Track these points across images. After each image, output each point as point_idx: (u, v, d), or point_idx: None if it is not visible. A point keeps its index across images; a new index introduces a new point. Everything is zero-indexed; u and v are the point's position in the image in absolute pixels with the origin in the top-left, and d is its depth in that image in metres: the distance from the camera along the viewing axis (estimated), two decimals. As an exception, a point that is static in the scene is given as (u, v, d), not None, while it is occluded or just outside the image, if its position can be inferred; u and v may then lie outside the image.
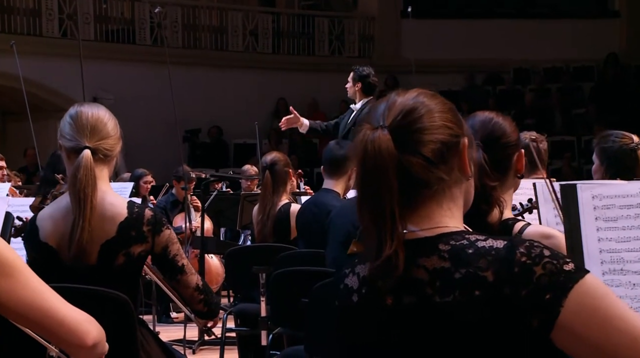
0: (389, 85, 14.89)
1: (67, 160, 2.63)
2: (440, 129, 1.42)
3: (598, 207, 1.99)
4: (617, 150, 3.37)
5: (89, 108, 2.67)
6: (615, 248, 1.98)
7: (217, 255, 7.36)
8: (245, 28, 14.62)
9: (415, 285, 1.37)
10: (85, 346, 1.59)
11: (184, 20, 14.16)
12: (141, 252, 2.58)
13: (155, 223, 2.59)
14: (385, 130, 1.40)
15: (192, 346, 6.29)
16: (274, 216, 4.82)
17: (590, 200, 1.99)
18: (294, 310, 3.47)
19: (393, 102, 1.46)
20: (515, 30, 14.63)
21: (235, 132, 13.82)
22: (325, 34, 15.17)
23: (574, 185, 2.00)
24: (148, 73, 12.77)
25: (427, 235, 1.40)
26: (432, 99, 1.47)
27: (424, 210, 1.42)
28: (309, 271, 3.66)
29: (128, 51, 13.44)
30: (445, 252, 1.37)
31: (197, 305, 2.72)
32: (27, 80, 7.62)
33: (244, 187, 8.38)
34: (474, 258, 1.35)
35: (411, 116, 1.43)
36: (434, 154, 1.40)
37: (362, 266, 1.46)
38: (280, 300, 3.81)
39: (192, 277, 2.67)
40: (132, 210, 2.59)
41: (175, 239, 2.65)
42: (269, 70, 14.22)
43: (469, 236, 1.39)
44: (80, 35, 9.14)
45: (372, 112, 1.46)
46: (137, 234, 2.57)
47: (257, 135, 7.90)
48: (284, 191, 4.89)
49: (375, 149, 1.38)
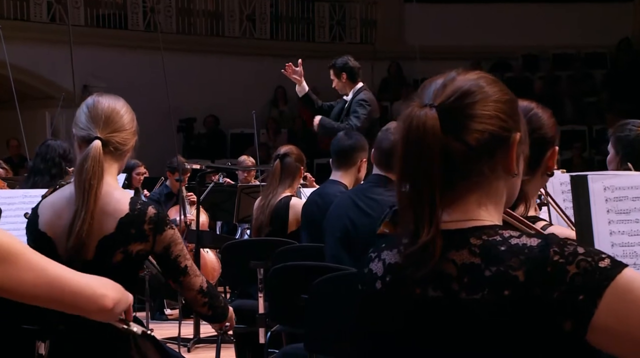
0: (391, 72, 14.88)
1: (78, 149, 2.65)
2: (492, 120, 1.40)
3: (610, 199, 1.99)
4: (633, 139, 3.37)
5: (107, 99, 2.69)
6: (628, 241, 1.97)
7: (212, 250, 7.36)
8: (242, 13, 14.60)
9: (442, 279, 1.37)
10: (106, 309, 1.62)
11: (178, 4, 14.13)
12: (140, 251, 2.59)
13: (157, 222, 2.59)
14: (433, 110, 1.39)
15: (187, 344, 6.30)
16: (272, 206, 4.85)
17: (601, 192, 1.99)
18: (293, 306, 3.48)
19: (450, 80, 1.44)
20: (523, 15, 14.60)
21: (232, 122, 13.81)
22: (326, 19, 15.14)
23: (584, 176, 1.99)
24: (141, 60, 12.75)
25: (459, 227, 1.39)
26: (492, 86, 1.44)
27: (461, 201, 1.41)
28: (309, 266, 3.66)
29: (120, 37, 13.42)
30: (477, 246, 1.36)
31: (201, 308, 2.73)
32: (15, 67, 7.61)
33: (241, 178, 8.39)
34: (506, 256, 1.33)
35: (464, 99, 1.40)
36: (479, 144, 1.39)
37: (389, 252, 1.45)
38: (279, 296, 3.81)
39: (195, 279, 2.68)
40: (134, 207, 2.59)
41: (179, 240, 2.64)
42: (267, 57, 14.18)
43: (502, 232, 1.37)
44: (69, 20, 9.15)
45: (425, 88, 1.45)
46: (137, 232, 2.57)
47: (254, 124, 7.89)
48: (289, 185, 4.92)
49: (420, 128, 1.37)
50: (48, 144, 4.81)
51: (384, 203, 3.60)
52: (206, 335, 6.46)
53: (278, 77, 14.11)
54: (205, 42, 14.12)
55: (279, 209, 4.85)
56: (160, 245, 2.60)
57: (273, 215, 4.85)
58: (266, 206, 4.88)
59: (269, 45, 14.58)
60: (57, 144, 4.79)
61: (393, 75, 14.90)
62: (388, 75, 14.95)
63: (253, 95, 13.65)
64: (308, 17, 15.10)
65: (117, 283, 1.67)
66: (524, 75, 14.45)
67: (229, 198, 7.07)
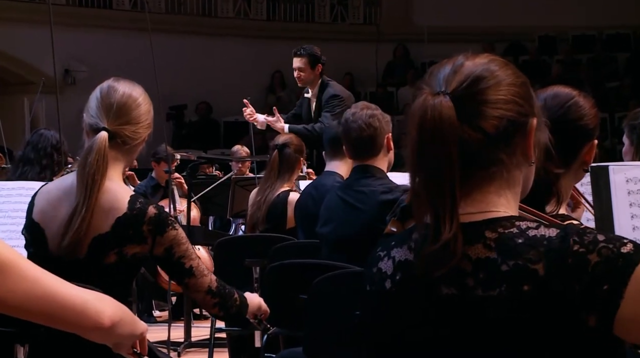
0: (397, 55, 14.87)
1: (86, 137, 2.63)
2: (508, 105, 1.42)
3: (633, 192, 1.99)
4: None
5: (123, 85, 2.66)
6: (652, 237, 1.98)
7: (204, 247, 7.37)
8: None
9: (457, 275, 1.38)
10: (102, 327, 1.57)
11: (167, -18, 14.12)
12: (137, 253, 2.56)
13: (158, 223, 2.56)
14: (447, 97, 1.40)
15: (177, 348, 6.31)
16: (269, 201, 4.84)
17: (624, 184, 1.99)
18: (291, 307, 3.48)
19: (460, 65, 1.45)
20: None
21: (226, 109, 13.80)
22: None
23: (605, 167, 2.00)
24: (127, 42, 12.74)
25: (474, 220, 1.40)
26: (503, 69, 1.46)
27: (477, 192, 1.42)
28: (308, 264, 3.67)
29: (104, 17, 13.41)
30: (492, 240, 1.37)
31: (212, 310, 2.72)
32: (-9, 50, 7.60)
33: (235, 170, 8.39)
34: (523, 249, 1.34)
35: (477, 85, 1.42)
36: (497, 130, 1.40)
37: (399, 249, 1.47)
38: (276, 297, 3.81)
39: (203, 279, 2.65)
40: (133, 206, 2.56)
41: (183, 240, 2.61)
42: (264, 39, 14.18)
43: (519, 223, 1.38)
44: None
45: (433, 74, 1.46)
46: (135, 233, 2.55)
47: (250, 112, 7.86)
48: (288, 178, 4.92)
49: (436, 117, 1.38)
50: (41, 133, 4.90)
51: (373, 194, 3.61)
52: (198, 339, 6.47)
53: (275, 61, 14.20)
54: (196, 23, 14.11)
55: (276, 205, 4.84)
56: (161, 247, 2.57)
57: (270, 211, 4.84)
58: (262, 202, 4.86)
59: (265, 26, 14.56)
60: (51, 134, 4.87)
61: (399, 58, 14.89)
62: (393, 59, 14.93)
63: (248, 80, 13.63)
64: (308, -5, 15.09)
65: (121, 304, 1.64)
66: (540, 59, 14.44)
67: (222, 191, 7.07)
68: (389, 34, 14.80)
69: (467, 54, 1.48)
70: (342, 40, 14.13)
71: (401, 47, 14.74)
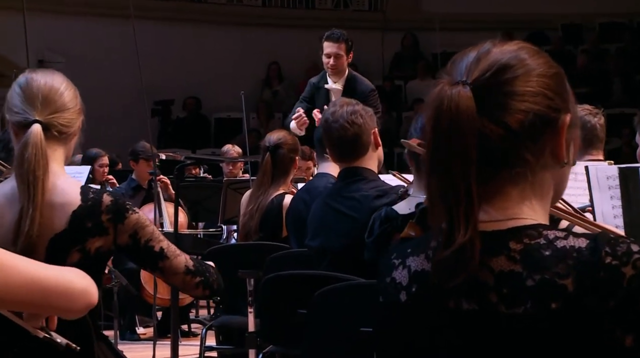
0: (406, 46, 14.87)
1: (15, 138, 2.64)
2: (537, 98, 1.41)
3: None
4: None
5: (42, 75, 2.68)
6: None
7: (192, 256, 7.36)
8: (229, -26, 14.60)
9: (478, 289, 1.37)
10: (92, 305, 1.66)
11: (152, -36, 14.13)
12: (100, 247, 2.59)
13: (116, 211, 2.60)
14: (467, 87, 1.40)
15: (163, 368, 6.31)
16: (263, 208, 4.82)
17: (656, 187, 1.99)
18: (289, 323, 3.48)
19: (485, 53, 1.45)
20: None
21: (217, 104, 13.81)
22: (328, -18, 15.15)
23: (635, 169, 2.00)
24: (107, 30, 12.74)
25: (497, 228, 1.40)
26: (535, 58, 1.45)
27: (500, 195, 1.41)
28: (308, 275, 3.67)
29: (82, 2, 13.41)
30: (517, 252, 1.36)
31: (195, 291, 2.75)
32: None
33: (226, 172, 8.39)
34: (551, 262, 1.34)
35: (503, 74, 1.41)
36: (522, 126, 1.39)
37: (415, 258, 1.46)
38: (272, 312, 3.82)
39: (178, 259, 2.69)
40: (87, 197, 2.60)
41: (145, 222, 2.65)
42: (259, 27, 14.18)
43: (547, 233, 1.37)
44: (23, -17, 9.11)
45: (456, 62, 1.46)
46: (95, 225, 2.58)
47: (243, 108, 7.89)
48: (283, 182, 4.90)
49: (452, 108, 1.38)
50: None
51: (366, 199, 3.59)
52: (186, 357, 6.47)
53: (272, 51, 14.22)
54: (184, 9, 14.11)
55: (270, 211, 4.82)
56: (124, 235, 2.61)
57: (263, 219, 4.83)
58: (255, 210, 4.84)
59: (260, 12, 14.57)
60: None
61: (408, 48, 14.89)
62: (402, 49, 14.94)
63: (242, 72, 13.64)
64: (307, -21, 15.10)
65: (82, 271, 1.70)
66: (564, 49, 14.44)
67: (212, 195, 7.07)
68: (396, 22, 14.81)
69: (495, 41, 1.47)
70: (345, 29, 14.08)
71: (410, 36, 14.74)
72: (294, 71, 13.90)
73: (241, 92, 7.84)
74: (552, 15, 14.60)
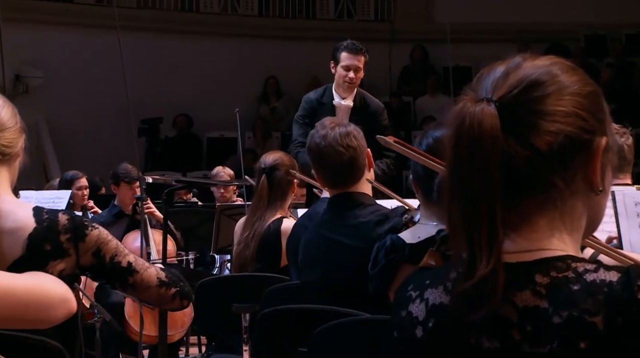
0: (415, 58, 14.91)
1: None
2: (569, 118, 1.41)
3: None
4: None
5: None
6: None
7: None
8: (222, -19, 14.66)
9: (500, 325, 1.38)
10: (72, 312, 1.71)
11: (139, -30, 14.20)
12: (63, 270, 2.60)
13: (75, 229, 2.62)
14: (492, 105, 1.40)
15: (150, 412, 6.28)
16: (259, 235, 4.81)
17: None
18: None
19: (514, 67, 1.46)
20: (586, -16, 14.64)
21: (209, 123, 13.83)
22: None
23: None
24: (90, 42, 12.78)
25: (522, 260, 1.40)
26: (569, 74, 1.45)
27: (527, 224, 1.42)
28: (308, 310, 3.65)
29: (63, 12, 13.46)
30: (543, 286, 1.37)
31: (172, 304, 2.77)
32: None
33: (217, 196, 8.39)
34: (580, 297, 1.34)
35: (533, 91, 1.42)
36: (551, 149, 1.39)
37: (434, 290, 1.47)
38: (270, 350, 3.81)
39: (148, 272, 2.71)
40: (41, 218, 2.61)
41: (108, 237, 2.68)
42: (255, 39, 14.22)
43: (576, 265, 1.38)
44: (-1, -9, 9.16)
45: (482, 78, 1.46)
46: (54, 247, 2.59)
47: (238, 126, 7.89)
48: (280, 206, 4.90)
49: (475, 128, 1.38)
50: None
51: (366, 226, 3.57)
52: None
53: (269, 65, 14.25)
54: (174, 19, 14.17)
55: (267, 238, 4.81)
56: (87, 254, 2.63)
57: (260, 247, 4.82)
58: (251, 238, 4.83)
59: (257, 22, 14.62)
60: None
61: (417, 61, 14.93)
62: (410, 62, 14.98)
63: (236, 87, 13.67)
64: (307, -13, 15.15)
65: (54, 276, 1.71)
66: (587, 62, 14.46)
67: (204, 222, 7.06)
68: (405, 33, 14.86)
69: (526, 55, 1.48)
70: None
71: (419, 48, 14.79)
72: (294, 86, 13.92)
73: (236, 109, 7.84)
74: (574, 25, 14.65)
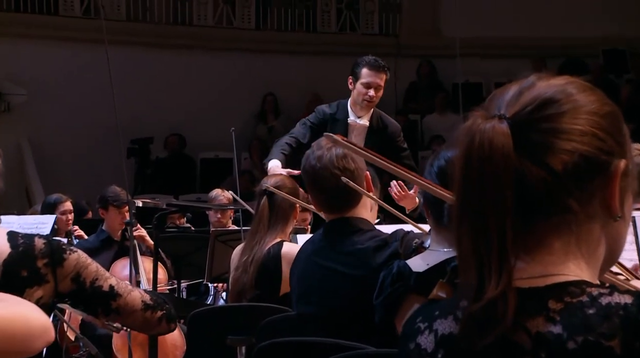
0: (422, 74, 14.94)
1: None
2: (585, 137, 1.43)
3: None
4: None
5: None
6: None
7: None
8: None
9: (513, 353, 1.39)
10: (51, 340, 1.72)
11: (129, -19, 14.25)
12: (41, 298, 2.61)
13: (52, 253, 2.63)
14: (504, 123, 1.42)
15: None
16: (259, 260, 4.82)
17: None
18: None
19: (528, 87, 1.48)
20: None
21: (203, 143, 13.84)
22: (332, 2, 15.23)
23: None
24: (77, 57, 12.80)
25: (534, 285, 1.41)
26: (586, 94, 1.47)
27: (540, 247, 1.43)
28: (308, 343, 3.64)
29: (48, 25, 13.49)
30: (556, 312, 1.38)
31: (159, 328, 2.79)
32: None
33: (213, 221, 8.38)
34: (595, 322, 1.35)
35: (547, 109, 1.44)
36: (565, 168, 1.41)
37: (444, 321, 1.49)
38: (267, 385, 3.79)
39: (132, 295, 2.73)
40: (16, 243, 2.63)
41: (87, 261, 2.69)
42: (252, 53, 14.25)
43: (591, 290, 1.39)
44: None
45: (495, 98, 1.48)
46: (30, 273, 2.60)
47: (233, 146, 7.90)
48: (281, 229, 4.92)
49: (485, 145, 1.40)
50: None
51: (365, 253, 3.56)
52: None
53: (266, 81, 14.27)
54: (165, 33, 14.19)
55: (267, 263, 4.82)
56: (66, 279, 2.64)
57: (260, 272, 4.82)
58: (250, 262, 4.84)
59: (254, 36, 14.65)
60: None
61: (424, 77, 14.96)
62: (417, 79, 15.01)
63: (232, 105, 13.68)
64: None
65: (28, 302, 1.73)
66: (606, 78, 14.49)
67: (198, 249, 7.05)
68: (411, 48, 14.88)
69: (541, 74, 1.49)
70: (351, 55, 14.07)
71: (427, 64, 14.81)
72: (293, 104, 13.95)
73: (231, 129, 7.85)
74: (591, 39, 14.66)
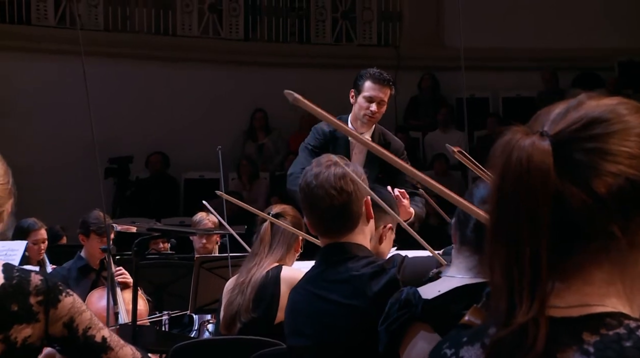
0: (424, 88, 14.95)
1: None
2: (634, 161, 1.43)
3: None
4: None
5: None
6: None
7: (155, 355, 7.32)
8: (203, 1, 14.71)
9: None
10: None
11: (107, -12, 14.26)
12: (28, 337, 2.62)
13: (47, 292, 2.63)
14: (545, 140, 1.42)
15: None
16: (256, 282, 4.84)
17: None
18: None
19: (576, 105, 1.49)
20: (618, 4, 14.69)
21: (188, 162, 13.83)
22: (327, 11, 15.26)
23: None
24: (51, 69, 12.80)
25: (567, 315, 1.42)
26: (636, 115, 1.48)
27: (578, 274, 1.44)
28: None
29: (20, 36, 13.50)
30: (591, 344, 1.39)
31: None
32: None
33: (198, 247, 8.35)
34: (633, 354, 1.36)
35: (594, 129, 1.44)
36: (610, 192, 1.42)
37: (470, 348, 1.50)
38: None
39: (123, 350, 2.74)
40: (10, 275, 2.63)
41: (82, 307, 2.70)
42: (241, 66, 14.25)
43: (629, 322, 1.40)
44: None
45: (539, 117, 1.50)
46: (21, 309, 2.61)
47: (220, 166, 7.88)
48: (282, 256, 4.97)
49: (523, 163, 1.41)
50: None
51: (360, 281, 3.56)
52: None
53: (256, 95, 14.25)
54: (147, 44, 14.20)
55: (265, 286, 4.84)
56: (58, 323, 2.64)
57: (258, 295, 4.84)
58: (247, 283, 4.87)
59: (242, 47, 14.66)
60: None
61: (426, 91, 14.96)
62: (419, 93, 15.02)
63: (218, 122, 13.68)
64: (300, 7, 15.20)
65: None
66: (621, 92, 14.50)
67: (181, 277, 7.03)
68: (412, 60, 14.89)
69: (591, 94, 1.51)
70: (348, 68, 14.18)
71: (429, 76, 14.82)
72: (284, 120, 13.95)
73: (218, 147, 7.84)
74: (606, 50, 14.70)
